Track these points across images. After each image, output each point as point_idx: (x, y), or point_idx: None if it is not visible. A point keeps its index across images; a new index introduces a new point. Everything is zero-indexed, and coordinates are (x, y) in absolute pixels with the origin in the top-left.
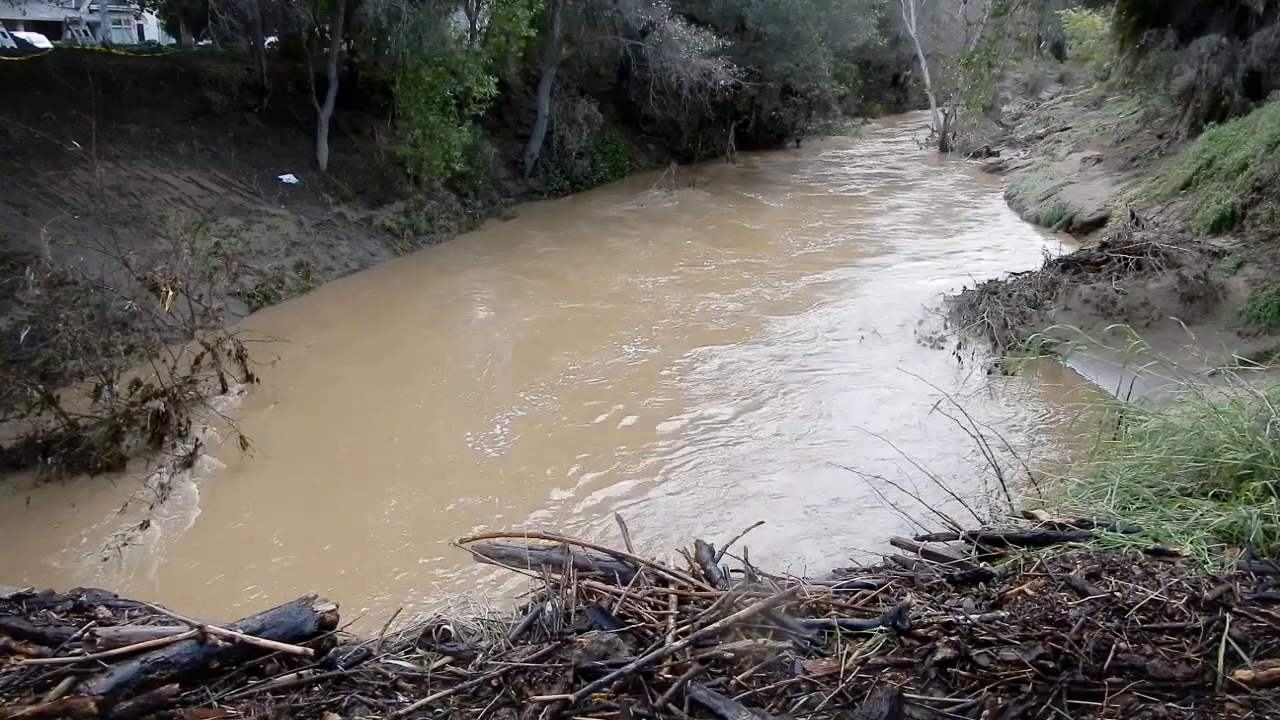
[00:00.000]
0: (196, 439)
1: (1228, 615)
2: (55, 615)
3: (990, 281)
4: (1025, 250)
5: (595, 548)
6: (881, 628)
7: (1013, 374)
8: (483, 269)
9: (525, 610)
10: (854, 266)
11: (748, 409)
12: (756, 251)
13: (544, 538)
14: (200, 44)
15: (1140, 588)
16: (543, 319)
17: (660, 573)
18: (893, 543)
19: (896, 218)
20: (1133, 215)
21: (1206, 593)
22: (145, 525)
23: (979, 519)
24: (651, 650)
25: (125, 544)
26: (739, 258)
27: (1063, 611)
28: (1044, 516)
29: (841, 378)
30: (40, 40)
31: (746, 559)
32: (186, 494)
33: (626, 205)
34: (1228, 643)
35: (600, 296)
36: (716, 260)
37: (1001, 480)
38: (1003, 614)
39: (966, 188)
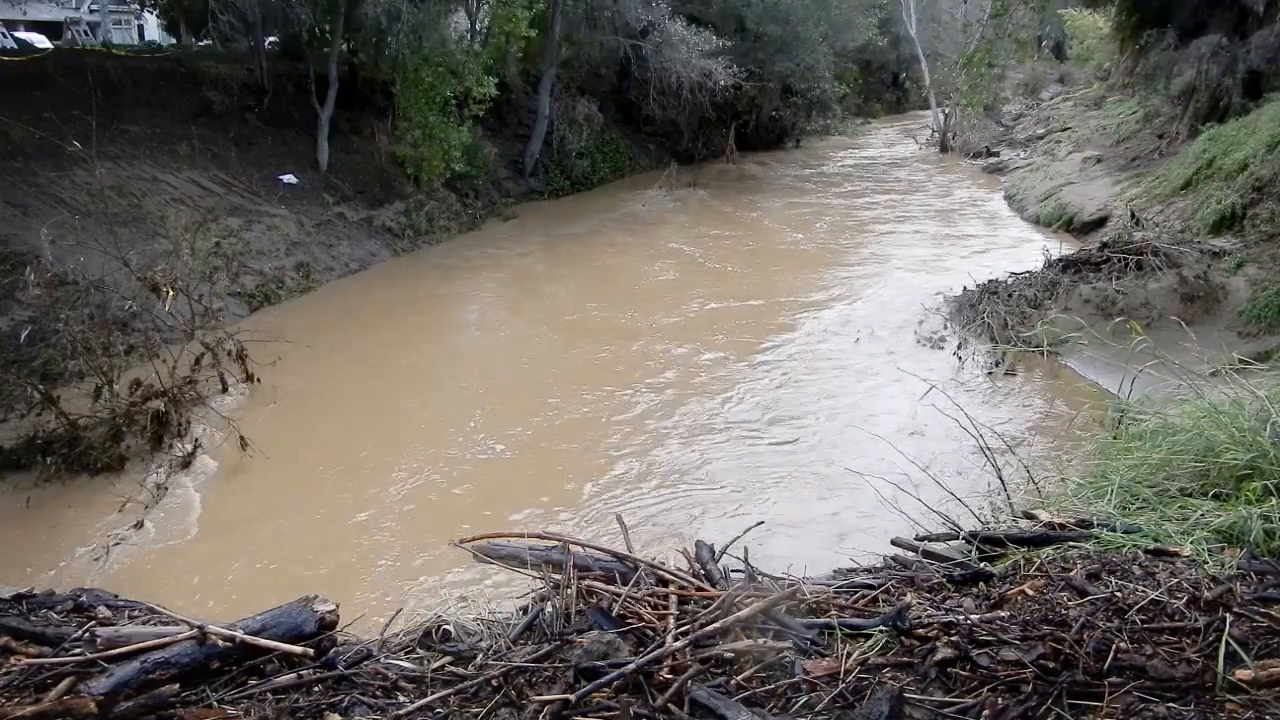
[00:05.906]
0: (196, 439)
1: (1228, 615)
2: (55, 615)
3: (990, 281)
4: (1025, 250)
5: (595, 548)
6: (881, 628)
7: (1013, 374)
8: (483, 269)
9: (525, 610)
10: (853, 266)
11: (747, 409)
12: (756, 251)
13: (544, 538)
14: (200, 44)
15: (1140, 588)
16: (544, 318)
17: (660, 573)
18: (893, 543)
19: (896, 217)
20: (1133, 215)
21: (1207, 593)
22: (139, 525)
23: (979, 519)
24: (651, 650)
25: (118, 543)
26: (739, 257)
27: (1063, 611)
28: (1044, 516)
29: (840, 378)
30: (40, 40)
31: (746, 559)
32: (186, 494)
33: (627, 206)
34: (1228, 643)
35: (600, 297)
36: (716, 259)
37: (1001, 480)
38: (1003, 614)
39: (967, 188)
